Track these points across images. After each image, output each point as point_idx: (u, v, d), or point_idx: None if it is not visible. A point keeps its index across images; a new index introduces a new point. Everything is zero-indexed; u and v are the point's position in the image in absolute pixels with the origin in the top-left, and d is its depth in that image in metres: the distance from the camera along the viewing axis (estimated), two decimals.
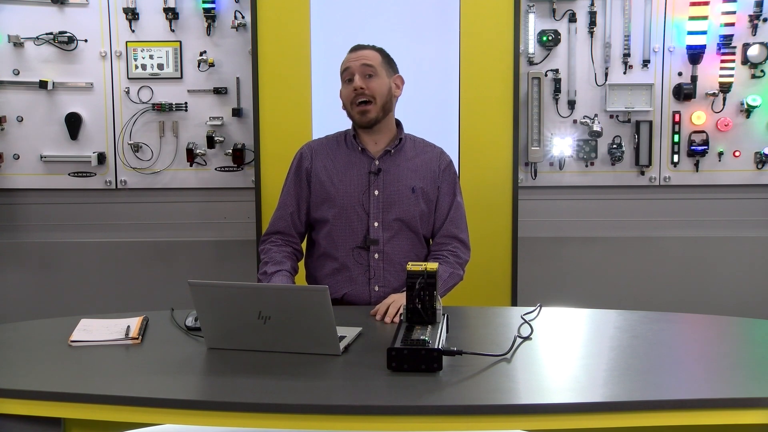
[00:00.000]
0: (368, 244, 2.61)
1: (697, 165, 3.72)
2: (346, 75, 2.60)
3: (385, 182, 2.62)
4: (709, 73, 3.63)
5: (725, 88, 3.61)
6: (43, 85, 3.66)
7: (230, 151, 3.70)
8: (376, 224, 2.61)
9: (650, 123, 3.68)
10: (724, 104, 3.66)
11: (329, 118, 3.17)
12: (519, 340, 2.12)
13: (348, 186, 2.62)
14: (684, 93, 3.62)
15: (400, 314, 2.15)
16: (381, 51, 2.65)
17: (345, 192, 2.62)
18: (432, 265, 2.11)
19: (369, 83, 2.57)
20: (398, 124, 2.71)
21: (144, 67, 3.70)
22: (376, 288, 2.61)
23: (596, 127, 3.64)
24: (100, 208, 3.82)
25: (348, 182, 2.62)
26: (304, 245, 2.77)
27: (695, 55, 3.60)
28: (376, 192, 2.62)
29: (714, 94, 3.65)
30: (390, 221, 2.61)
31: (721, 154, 3.70)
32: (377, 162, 2.63)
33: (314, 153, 2.69)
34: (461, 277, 2.66)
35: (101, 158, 3.73)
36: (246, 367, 1.98)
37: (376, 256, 2.61)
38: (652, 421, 1.76)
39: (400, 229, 2.63)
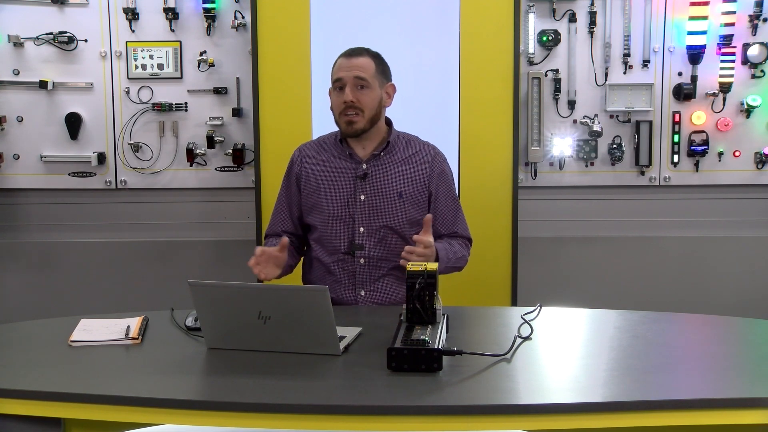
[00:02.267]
0: (353, 250, 2.59)
1: (697, 165, 3.72)
2: (338, 84, 2.56)
3: (372, 187, 2.60)
4: (709, 73, 3.63)
5: (725, 88, 3.61)
6: (43, 85, 3.66)
7: (230, 151, 3.70)
8: (361, 229, 2.59)
9: (650, 123, 3.68)
10: (724, 104, 3.66)
11: (329, 118, 3.16)
12: (519, 340, 2.12)
13: (334, 192, 2.61)
14: (684, 93, 3.62)
15: (402, 315, 2.14)
16: (376, 58, 2.60)
17: (331, 198, 2.61)
18: (432, 265, 2.11)
19: (360, 96, 2.53)
20: (388, 122, 2.68)
21: (144, 67, 3.70)
22: (362, 293, 2.60)
23: (596, 127, 3.64)
24: (100, 208, 3.82)
25: (334, 188, 2.61)
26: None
27: (695, 55, 3.60)
28: (363, 197, 2.60)
29: (714, 94, 3.64)
30: (376, 227, 2.60)
31: (721, 154, 3.70)
32: (364, 166, 2.61)
33: (304, 157, 2.68)
34: (466, 263, 2.67)
35: (101, 158, 3.73)
36: (246, 367, 1.98)
37: (362, 261, 2.60)
38: (652, 421, 1.76)
39: (386, 235, 2.61)
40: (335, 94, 2.59)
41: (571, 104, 3.69)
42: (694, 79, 3.63)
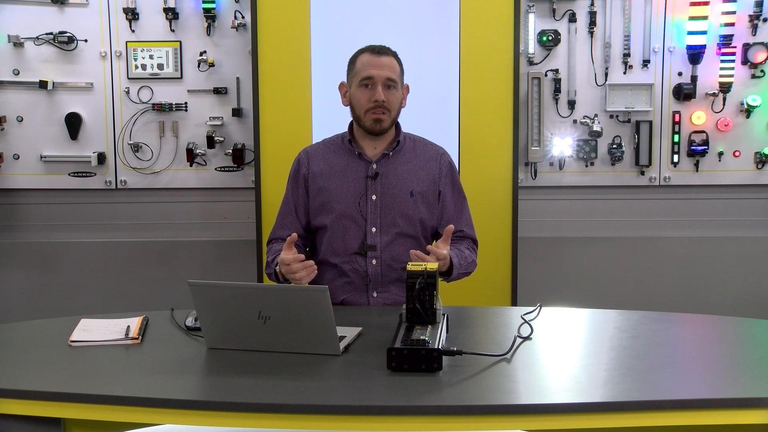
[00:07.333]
0: (365, 250, 2.57)
1: (697, 165, 3.72)
2: (367, 81, 2.54)
3: (383, 187, 2.59)
4: (709, 73, 3.63)
5: (725, 88, 3.61)
6: (43, 85, 3.66)
7: (230, 151, 3.70)
8: (373, 229, 2.58)
9: (650, 123, 3.68)
10: (724, 104, 3.66)
11: (329, 118, 3.18)
12: (519, 340, 2.12)
13: (345, 191, 2.59)
14: (684, 93, 3.62)
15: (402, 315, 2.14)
16: (397, 58, 2.60)
17: (342, 198, 2.59)
18: (432, 265, 2.11)
19: (388, 96, 2.53)
20: (396, 125, 2.68)
21: (144, 67, 3.70)
22: (375, 294, 2.59)
23: (596, 127, 3.64)
24: (100, 208, 3.82)
25: (345, 188, 2.59)
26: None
27: (695, 55, 3.60)
28: (374, 197, 2.59)
29: (714, 94, 3.65)
30: (388, 226, 2.59)
31: (721, 154, 3.70)
32: (375, 166, 2.60)
33: (311, 158, 2.65)
34: (475, 267, 2.65)
35: (101, 158, 3.73)
36: (246, 367, 1.97)
37: (374, 261, 2.58)
38: (652, 421, 1.76)
39: (398, 234, 2.60)
40: (361, 90, 2.55)
41: (571, 104, 3.69)
42: (694, 79, 3.63)
